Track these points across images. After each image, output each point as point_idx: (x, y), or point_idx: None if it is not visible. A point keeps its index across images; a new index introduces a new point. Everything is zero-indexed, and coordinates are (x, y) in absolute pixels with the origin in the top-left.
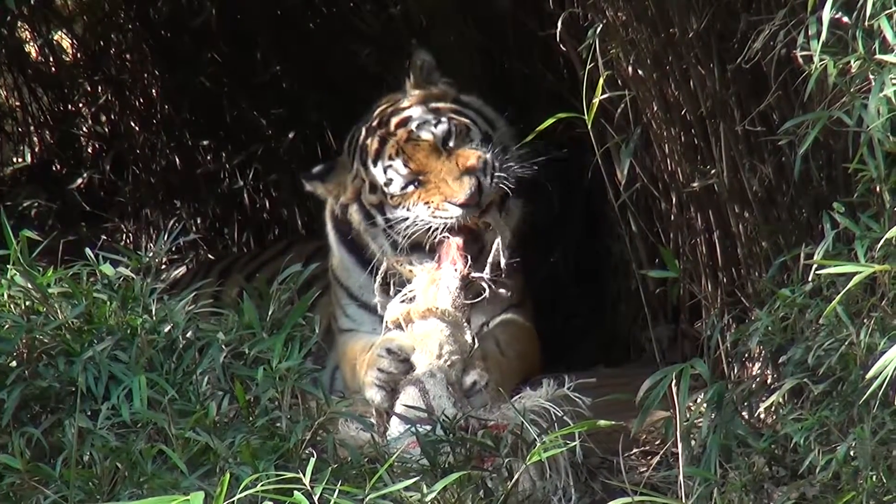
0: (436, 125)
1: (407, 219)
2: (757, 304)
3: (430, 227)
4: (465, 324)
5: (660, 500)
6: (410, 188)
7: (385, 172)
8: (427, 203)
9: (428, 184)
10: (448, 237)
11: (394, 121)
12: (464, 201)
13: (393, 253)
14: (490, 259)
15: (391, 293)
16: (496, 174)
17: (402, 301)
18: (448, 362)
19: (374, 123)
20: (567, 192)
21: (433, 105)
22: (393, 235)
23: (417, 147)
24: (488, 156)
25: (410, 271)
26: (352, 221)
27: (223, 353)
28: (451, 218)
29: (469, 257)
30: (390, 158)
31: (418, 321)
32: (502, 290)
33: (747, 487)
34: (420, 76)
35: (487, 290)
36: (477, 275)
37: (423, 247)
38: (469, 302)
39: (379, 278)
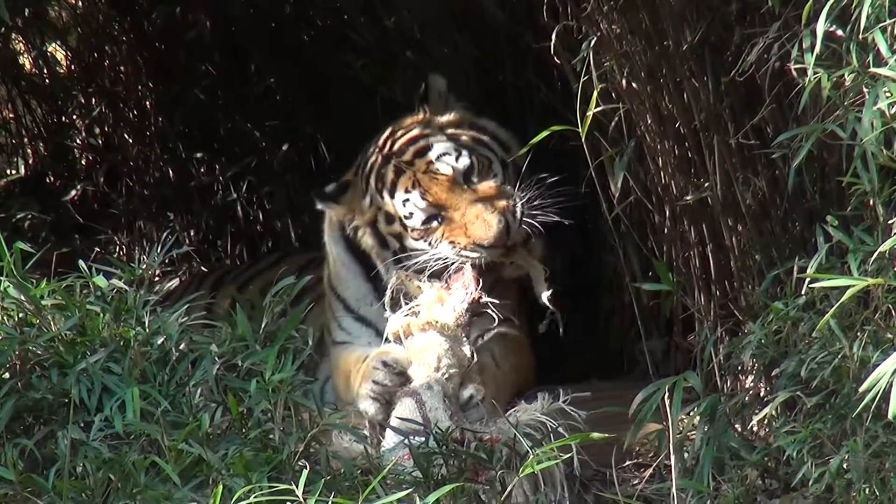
0: (457, 158)
1: (427, 253)
2: (750, 317)
3: (452, 263)
4: (464, 338)
5: None
6: (434, 223)
7: (404, 205)
8: (452, 243)
9: (452, 222)
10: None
11: (411, 150)
12: (492, 243)
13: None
14: (541, 299)
15: (398, 309)
16: (524, 215)
17: (406, 315)
18: (446, 375)
19: (390, 150)
20: (560, 205)
21: (452, 132)
22: (406, 263)
23: (436, 180)
24: (516, 196)
25: (418, 287)
26: (364, 245)
27: (216, 365)
28: (478, 257)
29: (482, 281)
30: (407, 191)
31: (417, 334)
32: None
33: (740, 500)
34: (437, 102)
35: (496, 320)
36: (487, 300)
37: (440, 277)
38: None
39: (388, 295)
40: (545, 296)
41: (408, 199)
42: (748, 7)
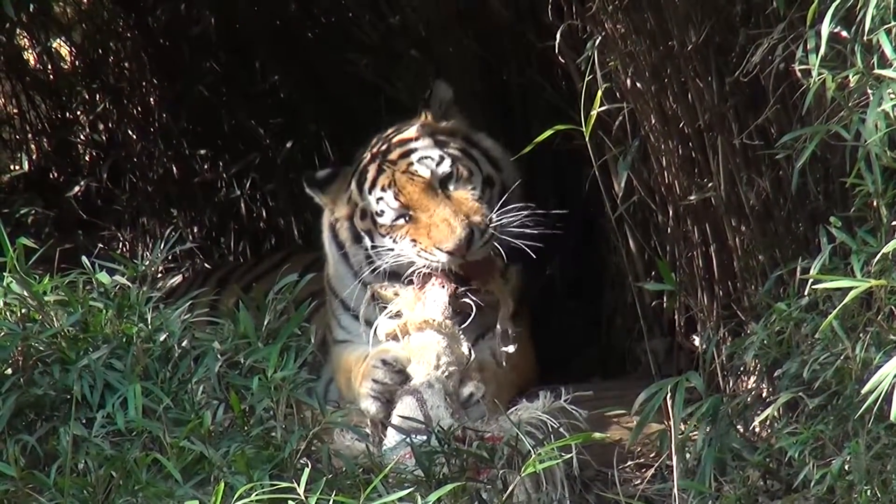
0: (438, 163)
1: (392, 250)
2: (753, 318)
3: (412, 263)
4: (461, 336)
5: None
6: (401, 221)
7: (377, 203)
8: (414, 241)
9: (418, 222)
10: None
11: (396, 151)
12: (451, 250)
13: (371, 275)
14: (498, 329)
15: (377, 310)
16: (491, 229)
17: (389, 317)
18: (446, 373)
19: (378, 149)
20: (563, 203)
21: (441, 139)
22: (375, 260)
23: (412, 181)
24: (485, 209)
25: (396, 293)
26: (341, 237)
27: (219, 362)
28: (437, 262)
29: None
30: (383, 189)
31: (415, 333)
32: (511, 348)
33: (742, 501)
34: (438, 109)
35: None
36: (465, 288)
37: (402, 279)
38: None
39: (362, 312)
40: (503, 333)
41: (382, 197)
42: (753, 8)
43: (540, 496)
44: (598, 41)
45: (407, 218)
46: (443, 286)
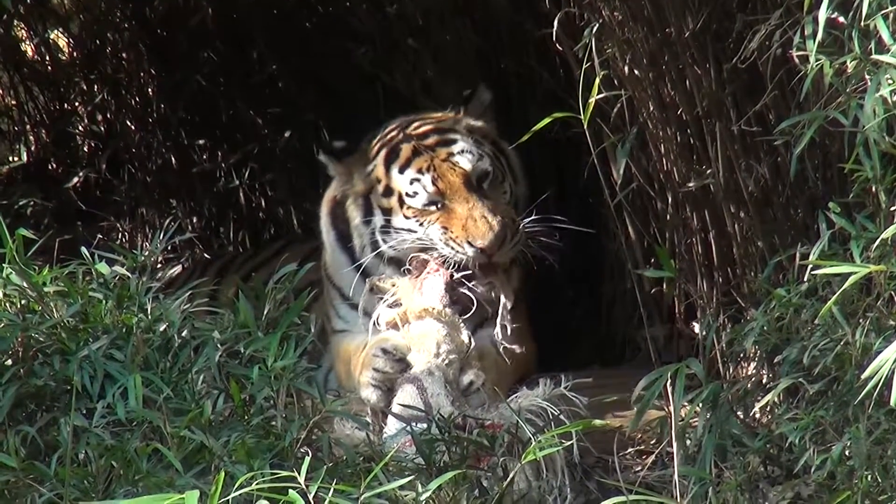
0: (478, 160)
1: (415, 233)
2: (752, 304)
3: (426, 248)
4: (461, 324)
5: (655, 499)
6: (433, 208)
7: (411, 184)
8: (445, 229)
9: (452, 212)
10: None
11: (435, 137)
12: (485, 247)
13: (372, 259)
14: (498, 322)
15: (375, 301)
16: (520, 239)
17: (388, 307)
18: (446, 361)
19: (412, 132)
20: (563, 191)
21: (477, 138)
22: (381, 242)
23: (453, 171)
24: (518, 220)
25: (393, 284)
26: (348, 212)
27: (219, 351)
28: (463, 255)
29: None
30: (420, 172)
31: (415, 321)
32: (515, 347)
33: (742, 487)
34: (476, 110)
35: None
36: (461, 274)
37: (403, 263)
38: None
39: (361, 306)
40: (502, 328)
41: (418, 180)
42: None
43: (540, 483)
44: (595, 29)
45: (440, 205)
46: (440, 274)
